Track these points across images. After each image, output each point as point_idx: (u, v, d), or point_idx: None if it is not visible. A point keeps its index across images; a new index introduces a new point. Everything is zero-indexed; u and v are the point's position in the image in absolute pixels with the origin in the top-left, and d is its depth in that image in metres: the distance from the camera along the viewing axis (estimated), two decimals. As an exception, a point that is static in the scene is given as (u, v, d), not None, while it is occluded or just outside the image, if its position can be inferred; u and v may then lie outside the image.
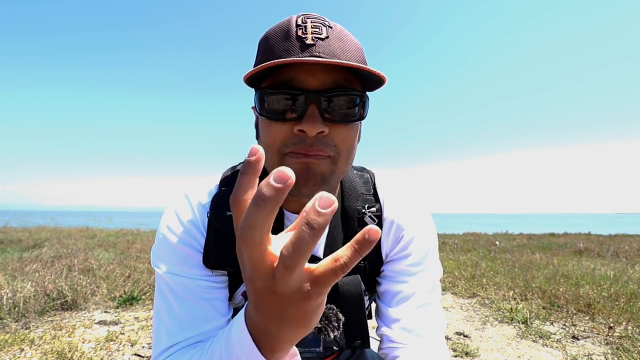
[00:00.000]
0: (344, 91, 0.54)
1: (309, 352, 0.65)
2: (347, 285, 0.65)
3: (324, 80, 0.53)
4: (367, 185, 0.74)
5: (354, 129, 0.58)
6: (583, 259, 6.05)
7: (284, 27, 0.55)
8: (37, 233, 9.03)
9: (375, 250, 0.70)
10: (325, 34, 0.53)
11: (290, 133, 0.54)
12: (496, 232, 13.13)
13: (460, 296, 3.72)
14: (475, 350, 2.33)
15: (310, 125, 0.52)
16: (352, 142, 0.58)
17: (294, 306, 0.30)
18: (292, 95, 0.53)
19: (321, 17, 0.56)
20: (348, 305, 0.64)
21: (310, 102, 0.52)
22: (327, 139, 0.54)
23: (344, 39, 0.55)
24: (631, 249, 7.06)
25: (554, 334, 2.57)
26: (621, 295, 3.28)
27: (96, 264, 4.42)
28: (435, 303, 0.69)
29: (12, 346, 2.19)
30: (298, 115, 0.53)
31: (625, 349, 2.22)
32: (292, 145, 0.54)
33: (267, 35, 0.57)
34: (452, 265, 5.21)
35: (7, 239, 7.16)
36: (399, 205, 0.72)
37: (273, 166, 0.57)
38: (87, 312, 2.96)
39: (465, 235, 11.42)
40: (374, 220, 0.69)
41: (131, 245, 6.82)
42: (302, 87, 0.53)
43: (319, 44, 0.52)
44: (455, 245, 7.99)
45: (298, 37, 0.52)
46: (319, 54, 0.52)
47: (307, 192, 0.56)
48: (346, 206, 0.70)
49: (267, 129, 0.56)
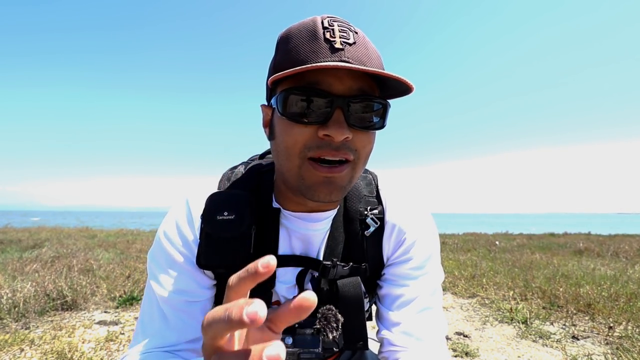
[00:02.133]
0: (369, 98, 0.54)
1: (308, 353, 0.64)
2: (346, 287, 0.65)
3: (350, 86, 0.53)
4: (369, 187, 0.73)
5: (373, 135, 0.58)
6: (583, 259, 6.05)
7: (309, 28, 0.54)
8: (37, 233, 9.03)
9: (376, 253, 0.70)
10: (353, 39, 0.53)
11: (313, 136, 0.53)
12: (496, 232, 13.14)
13: (460, 296, 3.72)
14: (475, 350, 2.33)
15: (337, 131, 0.51)
16: (370, 149, 0.59)
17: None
18: (319, 99, 0.52)
19: (346, 21, 0.55)
20: (347, 306, 0.64)
21: (337, 107, 0.52)
22: (349, 143, 0.54)
23: (368, 46, 0.55)
24: (631, 249, 7.05)
25: (554, 334, 2.57)
26: (621, 295, 3.28)
27: (96, 264, 4.43)
28: (437, 307, 0.68)
29: (12, 346, 2.19)
30: (323, 120, 0.52)
31: (625, 349, 2.22)
32: (315, 149, 0.54)
33: (289, 35, 0.56)
34: (452, 265, 5.21)
35: (7, 239, 7.16)
36: (402, 208, 0.71)
37: (292, 169, 0.57)
38: (87, 312, 2.96)
39: (465, 235, 11.42)
40: (376, 222, 0.69)
41: (131, 245, 6.82)
42: (329, 91, 0.52)
43: (348, 49, 0.52)
44: (455, 245, 7.99)
45: (327, 40, 0.52)
46: (347, 59, 0.51)
47: (327, 200, 0.57)
48: (348, 207, 0.70)
49: (288, 131, 0.55)
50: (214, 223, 0.61)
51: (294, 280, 0.68)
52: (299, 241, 0.68)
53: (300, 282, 0.68)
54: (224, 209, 0.61)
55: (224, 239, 0.61)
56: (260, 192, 0.68)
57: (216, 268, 0.63)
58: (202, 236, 0.63)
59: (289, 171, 0.57)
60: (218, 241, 0.61)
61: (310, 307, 0.28)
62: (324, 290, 0.66)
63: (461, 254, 6.48)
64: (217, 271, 0.65)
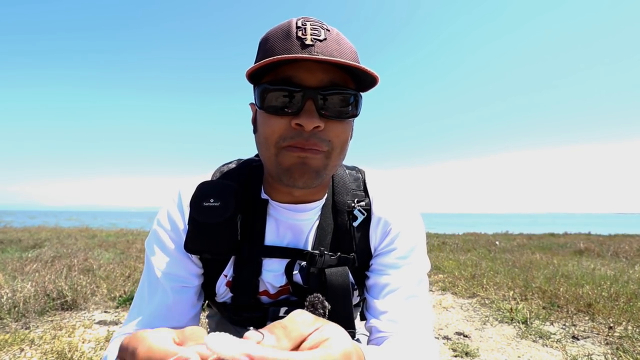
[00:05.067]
0: (339, 89, 0.57)
1: None
2: (334, 276, 0.67)
3: (321, 78, 0.56)
4: (357, 182, 0.77)
5: (347, 125, 0.61)
6: (583, 259, 6.05)
7: (284, 28, 0.58)
8: (37, 233, 9.03)
9: (365, 244, 0.72)
10: (324, 36, 0.56)
11: (287, 127, 0.57)
12: (496, 232, 13.13)
13: (460, 296, 3.72)
14: (475, 350, 2.33)
15: (307, 120, 0.55)
16: (345, 138, 0.61)
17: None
18: (291, 92, 0.56)
19: (320, 21, 0.59)
20: (335, 295, 0.66)
21: (308, 98, 0.56)
22: (322, 134, 0.57)
23: (340, 42, 0.59)
24: (631, 249, 7.06)
25: (554, 334, 2.57)
26: (621, 295, 3.28)
27: (96, 264, 4.42)
28: (423, 296, 0.70)
29: (12, 346, 2.19)
30: (296, 110, 0.56)
31: (625, 349, 2.22)
32: (289, 139, 0.57)
33: (267, 36, 0.60)
34: (452, 265, 5.20)
35: (7, 239, 7.16)
36: (388, 201, 0.74)
37: (270, 158, 0.60)
38: (87, 312, 2.96)
39: (465, 235, 11.41)
40: (363, 213, 0.72)
41: (131, 245, 6.81)
42: (301, 84, 0.56)
43: (318, 45, 0.55)
44: (455, 245, 7.99)
45: (298, 38, 0.55)
46: (317, 53, 0.54)
47: (302, 184, 0.60)
48: (336, 200, 0.72)
49: (266, 123, 0.59)
50: (200, 209, 0.64)
51: (282, 269, 0.70)
52: (288, 231, 0.70)
53: (288, 272, 0.70)
54: (210, 197, 0.65)
55: (209, 225, 0.64)
56: (249, 183, 0.72)
57: (202, 253, 0.65)
58: (189, 222, 0.66)
59: (268, 159, 0.61)
60: (203, 226, 0.64)
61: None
62: (312, 278, 0.68)
63: (461, 254, 6.48)
64: (203, 256, 0.68)
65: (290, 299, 0.73)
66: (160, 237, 0.68)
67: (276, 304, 0.72)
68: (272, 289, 0.71)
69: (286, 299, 0.73)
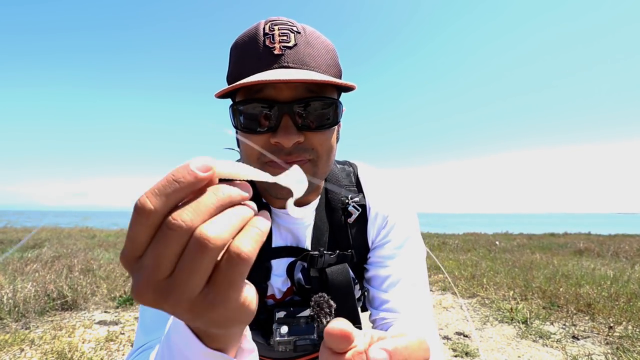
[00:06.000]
0: (316, 99, 0.54)
1: (303, 340, 0.66)
2: (335, 274, 0.67)
3: (295, 89, 0.53)
4: (349, 178, 0.76)
5: (329, 132, 0.59)
6: (583, 259, 6.05)
7: (252, 36, 0.55)
8: (37, 233, 9.02)
9: (362, 239, 0.73)
10: (294, 41, 0.53)
11: (267, 144, 0.55)
12: (496, 232, 13.13)
13: (460, 296, 3.72)
14: (475, 350, 2.33)
15: (285, 137, 0.52)
16: (329, 145, 0.59)
17: (206, 315, 0.26)
18: (265, 108, 0.53)
19: (289, 22, 0.55)
20: (338, 292, 0.66)
21: (284, 113, 0.53)
22: (304, 144, 0.55)
23: (313, 44, 0.55)
24: (631, 249, 7.06)
25: (554, 334, 2.57)
26: (621, 295, 3.28)
27: (96, 264, 4.42)
28: (421, 283, 0.71)
29: (12, 346, 2.19)
30: (273, 127, 0.53)
31: (625, 349, 2.22)
32: (270, 155, 0.55)
33: (236, 44, 0.57)
34: (452, 265, 5.20)
35: (7, 239, 7.16)
36: (381, 193, 0.74)
37: None
38: (87, 312, 2.96)
39: (465, 235, 11.42)
40: (358, 209, 0.72)
41: (131, 245, 6.81)
42: (275, 98, 0.53)
43: (287, 54, 0.52)
44: (455, 245, 7.99)
45: (265, 48, 0.53)
46: (287, 64, 0.52)
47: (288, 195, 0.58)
48: (330, 198, 0.72)
49: (245, 140, 0.56)
50: None
51: (285, 272, 0.70)
52: (288, 234, 0.71)
53: (290, 274, 0.70)
54: None
55: None
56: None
57: None
58: None
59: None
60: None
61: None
62: (314, 279, 0.68)
63: (461, 254, 6.48)
64: None
65: (294, 298, 0.73)
66: None
67: (281, 305, 0.73)
68: (279, 293, 0.71)
69: (290, 299, 0.74)
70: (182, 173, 0.23)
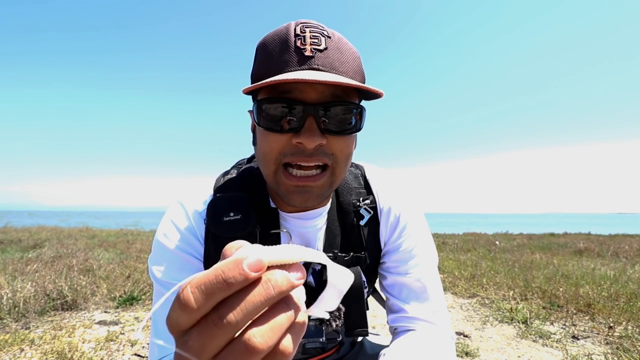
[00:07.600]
0: (341, 104, 0.54)
1: (312, 343, 0.67)
2: None
3: (322, 92, 0.53)
4: (358, 180, 0.76)
5: (350, 138, 0.59)
6: (583, 259, 6.05)
7: (282, 36, 0.55)
8: (37, 233, 9.03)
9: (374, 240, 0.73)
10: (324, 44, 0.53)
11: (288, 144, 0.55)
12: (496, 232, 13.13)
13: (460, 296, 3.72)
14: (475, 350, 2.33)
15: (308, 138, 0.52)
16: (349, 151, 0.60)
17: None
18: (291, 108, 0.53)
19: (320, 26, 0.55)
20: (348, 296, 0.66)
21: (309, 115, 0.53)
22: (324, 148, 0.55)
23: (342, 49, 0.55)
24: (631, 249, 7.05)
25: (554, 334, 2.57)
26: (621, 295, 3.28)
27: (96, 264, 4.42)
28: (437, 286, 0.73)
29: (12, 346, 2.19)
30: (296, 127, 0.53)
31: (625, 349, 2.22)
32: (290, 156, 0.55)
33: (265, 43, 0.57)
34: (452, 265, 5.20)
35: (7, 239, 7.16)
36: (392, 195, 0.75)
37: (269, 175, 0.59)
38: (87, 312, 2.95)
39: (465, 235, 11.41)
40: (369, 211, 0.72)
41: (131, 245, 6.81)
42: (301, 99, 0.53)
43: (318, 56, 0.52)
44: (455, 245, 7.99)
45: (297, 49, 0.53)
46: (317, 66, 0.52)
47: (303, 206, 0.59)
48: (341, 201, 0.72)
49: (265, 139, 0.56)
50: (220, 225, 0.62)
51: None
52: (298, 239, 0.70)
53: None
54: (229, 210, 0.63)
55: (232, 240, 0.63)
56: (255, 194, 0.70)
57: None
58: (207, 239, 0.64)
59: (267, 176, 0.60)
60: (227, 241, 0.62)
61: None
62: (326, 282, 0.69)
63: (461, 254, 6.47)
64: None
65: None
66: (171, 252, 0.64)
67: None
68: None
69: None
70: (233, 273, 0.23)
